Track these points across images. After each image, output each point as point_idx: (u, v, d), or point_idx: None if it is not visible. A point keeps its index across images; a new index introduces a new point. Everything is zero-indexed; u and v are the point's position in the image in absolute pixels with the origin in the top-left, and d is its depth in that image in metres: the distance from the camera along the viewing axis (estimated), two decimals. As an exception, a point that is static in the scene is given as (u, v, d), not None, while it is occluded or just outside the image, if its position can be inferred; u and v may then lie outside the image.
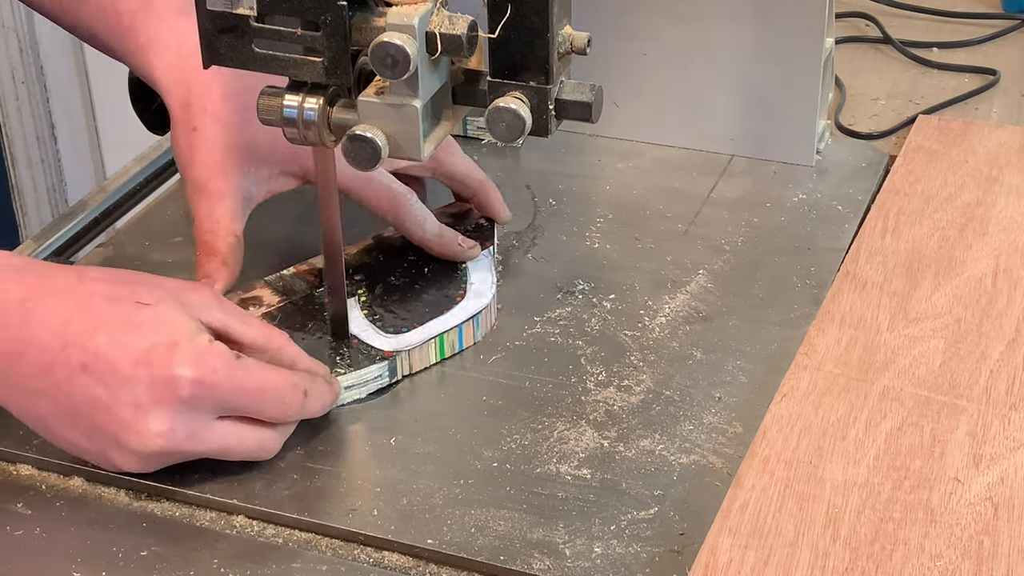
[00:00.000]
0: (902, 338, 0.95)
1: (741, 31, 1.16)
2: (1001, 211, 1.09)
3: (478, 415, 0.92)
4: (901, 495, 0.82)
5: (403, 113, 0.83)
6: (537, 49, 0.83)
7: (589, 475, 0.87)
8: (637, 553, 0.81)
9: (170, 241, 1.07)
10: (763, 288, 1.05)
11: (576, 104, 0.85)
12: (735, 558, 0.78)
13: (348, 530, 0.84)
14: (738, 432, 0.90)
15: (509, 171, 1.20)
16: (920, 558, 0.78)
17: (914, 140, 1.19)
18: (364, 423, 0.92)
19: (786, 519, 0.81)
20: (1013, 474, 0.83)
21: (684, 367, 0.96)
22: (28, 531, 0.84)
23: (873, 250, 1.04)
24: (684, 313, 1.02)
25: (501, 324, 1.01)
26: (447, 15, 0.82)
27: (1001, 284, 1.00)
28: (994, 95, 1.30)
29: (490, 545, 0.82)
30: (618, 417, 0.92)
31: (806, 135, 1.18)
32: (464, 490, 0.86)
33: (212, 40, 0.85)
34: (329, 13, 0.82)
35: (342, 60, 0.83)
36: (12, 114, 2.16)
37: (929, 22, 1.43)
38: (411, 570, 0.82)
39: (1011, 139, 1.18)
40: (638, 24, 1.19)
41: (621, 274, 1.06)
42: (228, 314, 0.87)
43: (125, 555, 0.82)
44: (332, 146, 0.88)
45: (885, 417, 0.88)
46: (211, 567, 0.81)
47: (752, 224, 1.12)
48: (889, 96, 1.31)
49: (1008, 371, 0.92)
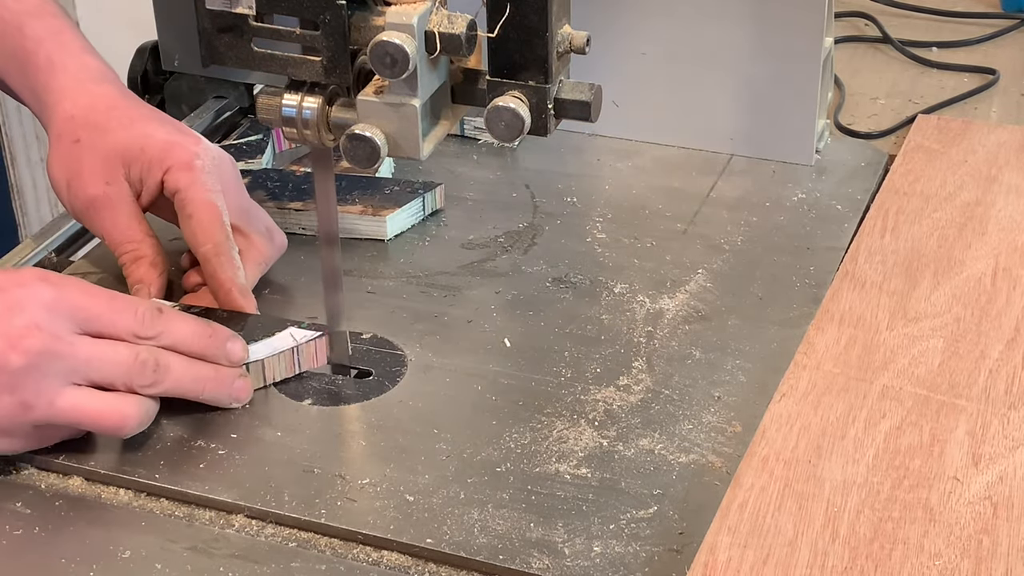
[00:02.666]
0: (901, 337, 0.95)
1: (741, 31, 1.16)
2: (1000, 210, 1.09)
3: (477, 414, 0.92)
4: (900, 494, 0.82)
5: (402, 112, 0.83)
6: (536, 48, 0.83)
7: (588, 474, 0.87)
8: (636, 552, 0.81)
9: (168, 240, 1.06)
10: (762, 287, 1.05)
11: (575, 103, 0.85)
12: (734, 557, 0.78)
13: (347, 529, 0.84)
14: (737, 431, 0.90)
15: (508, 171, 1.20)
16: (919, 557, 0.78)
17: (913, 140, 1.19)
18: (363, 422, 0.92)
19: (785, 518, 0.81)
20: (1012, 473, 0.83)
21: (683, 366, 0.96)
22: (28, 531, 0.84)
23: (872, 249, 1.04)
24: (683, 312, 1.02)
25: (501, 323, 1.01)
26: (446, 14, 0.82)
27: (1000, 283, 1.00)
28: (993, 95, 1.31)
29: (489, 544, 0.82)
30: (617, 416, 0.92)
31: (805, 134, 1.18)
32: (463, 489, 0.86)
33: (211, 39, 0.85)
34: (328, 12, 0.82)
35: (341, 59, 0.83)
36: (12, 114, 2.17)
37: (928, 22, 1.43)
38: (410, 569, 0.82)
39: (1010, 138, 1.18)
40: (637, 23, 1.19)
41: (620, 273, 1.06)
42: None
43: (125, 555, 0.82)
44: (331, 145, 0.88)
45: (884, 416, 0.88)
46: (211, 567, 0.81)
47: (751, 223, 1.12)
48: (888, 96, 1.31)
49: (1007, 370, 0.92)
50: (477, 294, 1.04)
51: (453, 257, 1.09)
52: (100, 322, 0.86)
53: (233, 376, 0.91)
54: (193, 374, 0.89)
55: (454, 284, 1.06)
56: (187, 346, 0.89)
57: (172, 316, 0.89)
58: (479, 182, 1.19)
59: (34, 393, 0.84)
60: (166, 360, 0.88)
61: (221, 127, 1.28)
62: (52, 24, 1.04)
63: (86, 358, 0.85)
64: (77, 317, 0.85)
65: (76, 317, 0.85)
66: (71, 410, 0.85)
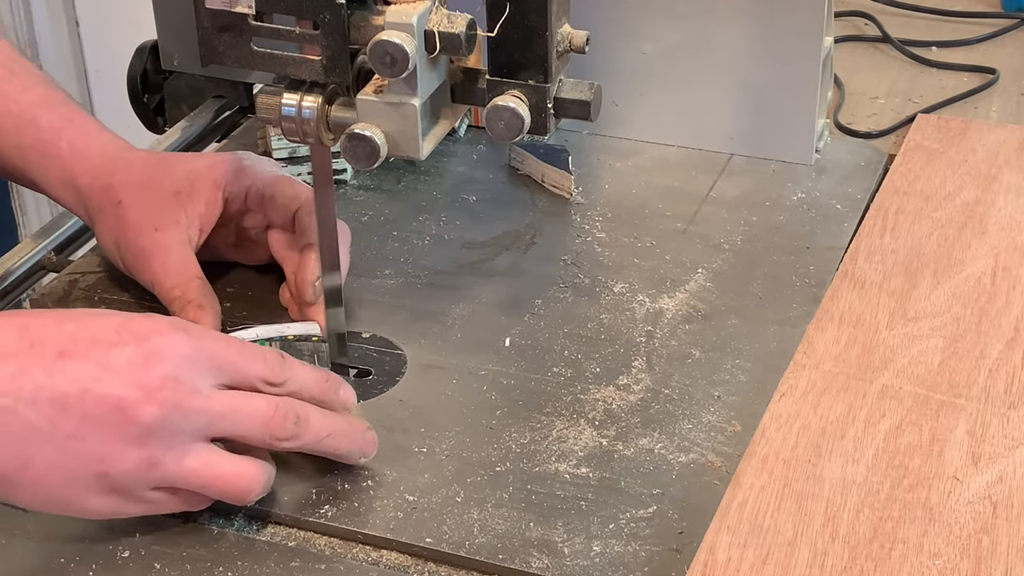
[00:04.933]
0: (901, 337, 0.95)
1: (740, 30, 1.16)
2: (1000, 210, 1.09)
3: (477, 414, 0.92)
4: (900, 494, 0.82)
5: (402, 111, 0.83)
6: (536, 48, 0.83)
7: (588, 474, 0.87)
8: (636, 552, 0.81)
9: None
10: (762, 287, 1.04)
11: (575, 103, 0.85)
12: (734, 557, 0.78)
13: (346, 529, 0.84)
14: (737, 431, 0.90)
15: (507, 169, 1.20)
16: (919, 556, 0.78)
17: (913, 139, 1.19)
18: (363, 422, 0.92)
19: (785, 518, 0.81)
20: (1012, 473, 0.83)
21: (683, 366, 0.96)
22: (28, 531, 0.84)
23: (872, 249, 1.04)
24: (683, 312, 1.02)
25: (500, 323, 1.01)
26: (446, 13, 0.82)
27: (1000, 283, 1.00)
28: (993, 94, 1.30)
29: (489, 544, 0.82)
30: (617, 416, 0.92)
31: (805, 134, 1.18)
32: (463, 489, 0.86)
33: (211, 39, 0.85)
34: (328, 11, 0.82)
35: (341, 58, 0.83)
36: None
37: (928, 21, 1.43)
38: (409, 569, 0.82)
39: (1010, 138, 1.18)
40: (637, 23, 1.19)
41: (620, 273, 1.06)
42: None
43: (125, 555, 0.82)
44: (331, 144, 0.88)
45: (884, 416, 0.88)
46: (210, 567, 0.81)
47: (751, 223, 1.12)
48: (888, 95, 1.31)
49: (1007, 370, 0.92)
50: (477, 294, 1.04)
51: (453, 257, 1.09)
52: (233, 369, 0.81)
53: (363, 429, 0.87)
54: (331, 427, 0.84)
55: (454, 284, 1.06)
56: (309, 391, 0.84)
57: (294, 363, 0.84)
58: (479, 182, 1.19)
59: (163, 449, 0.78)
60: (306, 412, 0.83)
61: (221, 127, 1.28)
62: (64, 112, 1.04)
63: (223, 411, 0.80)
64: (212, 367, 0.80)
65: (212, 367, 0.80)
66: (201, 469, 0.80)
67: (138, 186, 1.00)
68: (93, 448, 0.77)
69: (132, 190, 0.99)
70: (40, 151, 1.03)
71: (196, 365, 0.79)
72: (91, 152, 1.02)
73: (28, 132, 1.03)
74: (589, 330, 1.00)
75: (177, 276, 0.98)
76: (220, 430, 0.80)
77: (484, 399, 0.94)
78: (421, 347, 0.98)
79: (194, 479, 0.80)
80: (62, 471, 0.77)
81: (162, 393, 0.78)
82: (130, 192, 0.99)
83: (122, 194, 0.99)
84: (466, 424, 0.91)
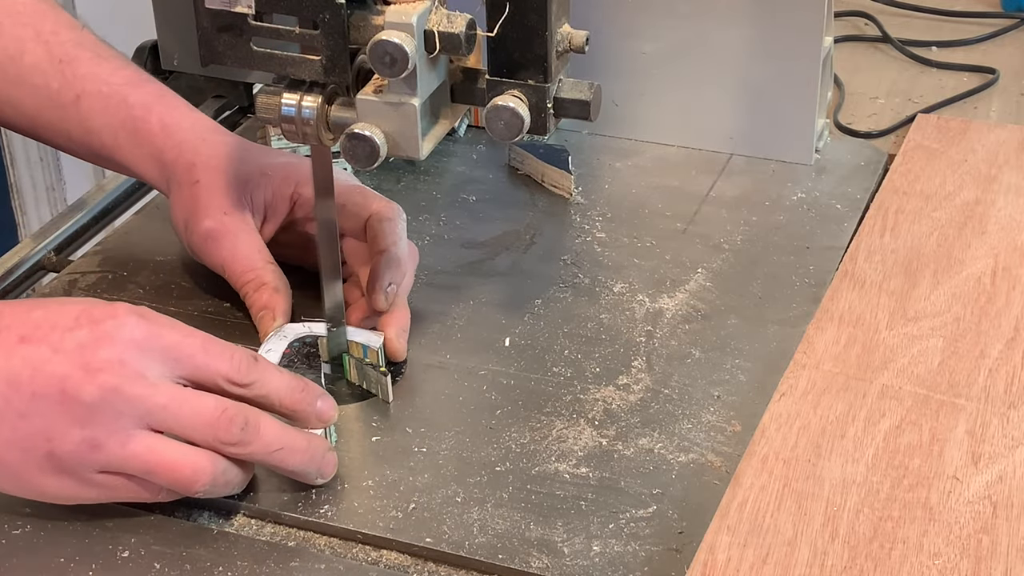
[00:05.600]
0: (901, 337, 0.95)
1: (740, 30, 1.16)
2: (1000, 210, 1.09)
3: (476, 414, 0.92)
4: (900, 493, 0.82)
5: (401, 111, 0.83)
6: (535, 47, 0.83)
7: (588, 474, 0.87)
8: (635, 552, 0.81)
9: (170, 239, 1.06)
10: (762, 287, 1.04)
11: (575, 102, 0.85)
12: (734, 556, 0.78)
13: (346, 528, 0.84)
14: (737, 431, 0.90)
15: (507, 169, 1.20)
16: (919, 556, 0.78)
17: (913, 139, 1.19)
18: (362, 422, 0.92)
19: (785, 517, 0.81)
20: (1012, 472, 0.83)
21: (683, 366, 0.96)
22: (28, 531, 0.84)
23: (872, 249, 1.04)
24: (683, 312, 1.02)
25: (500, 323, 1.01)
26: (445, 13, 0.82)
27: (1000, 283, 1.00)
28: (993, 94, 1.31)
29: (488, 543, 0.82)
30: (617, 416, 0.92)
31: (805, 134, 1.18)
32: (462, 488, 0.86)
33: (210, 39, 0.85)
34: (327, 11, 0.82)
35: (340, 58, 0.83)
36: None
37: (928, 21, 1.43)
38: (409, 568, 0.82)
39: (1010, 138, 1.18)
40: (637, 22, 1.19)
41: (620, 273, 1.06)
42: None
43: (125, 555, 0.82)
44: (330, 144, 0.88)
45: (884, 416, 0.88)
46: (210, 566, 0.81)
47: (751, 223, 1.12)
48: (888, 95, 1.31)
49: (1007, 369, 0.92)
50: (477, 294, 1.04)
51: (453, 257, 1.09)
52: (192, 363, 0.81)
53: (324, 449, 0.85)
54: (285, 441, 0.83)
55: (454, 284, 1.06)
56: (279, 399, 0.83)
57: (267, 367, 0.84)
58: (479, 182, 1.19)
59: (107, 432, 0.79)
60: (256, 420, 0.81)
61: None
62: (153, 90, 1.04)
63: (165, 403, 0.79)
64: (168, 357, 0.80)
65: (167, 357, 0.80)
66: (144, 454, 0.79)
67: (216, 169, 1.00)
68: (40, 427, 0.79)
69: (211, 172, 0.99)
70: (131, 128, 1.02)
71: (147, 352, 0.80)
72: (182, 127, 1.02)
73: (119, 111, 1.03)
74: (589, 330, 1.00)
75: (249, 260, 0.98)
76: (160, 421, 0.80)
77: (484, 399, 0.94)
78: (421, 347, 0.98)
79: (137, 464, 0.80)
80: (16, 450, 0.80)
81: (103, 375, 0.78)
82: (209, 173, 0.99)
83: (201, 174, 0.99)
84: (466, 424, 0.91)
